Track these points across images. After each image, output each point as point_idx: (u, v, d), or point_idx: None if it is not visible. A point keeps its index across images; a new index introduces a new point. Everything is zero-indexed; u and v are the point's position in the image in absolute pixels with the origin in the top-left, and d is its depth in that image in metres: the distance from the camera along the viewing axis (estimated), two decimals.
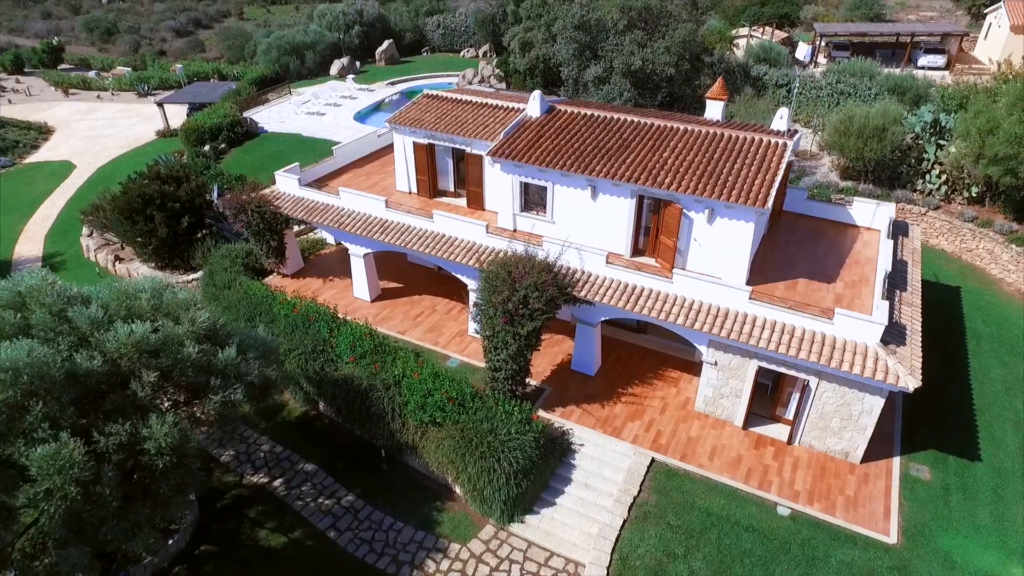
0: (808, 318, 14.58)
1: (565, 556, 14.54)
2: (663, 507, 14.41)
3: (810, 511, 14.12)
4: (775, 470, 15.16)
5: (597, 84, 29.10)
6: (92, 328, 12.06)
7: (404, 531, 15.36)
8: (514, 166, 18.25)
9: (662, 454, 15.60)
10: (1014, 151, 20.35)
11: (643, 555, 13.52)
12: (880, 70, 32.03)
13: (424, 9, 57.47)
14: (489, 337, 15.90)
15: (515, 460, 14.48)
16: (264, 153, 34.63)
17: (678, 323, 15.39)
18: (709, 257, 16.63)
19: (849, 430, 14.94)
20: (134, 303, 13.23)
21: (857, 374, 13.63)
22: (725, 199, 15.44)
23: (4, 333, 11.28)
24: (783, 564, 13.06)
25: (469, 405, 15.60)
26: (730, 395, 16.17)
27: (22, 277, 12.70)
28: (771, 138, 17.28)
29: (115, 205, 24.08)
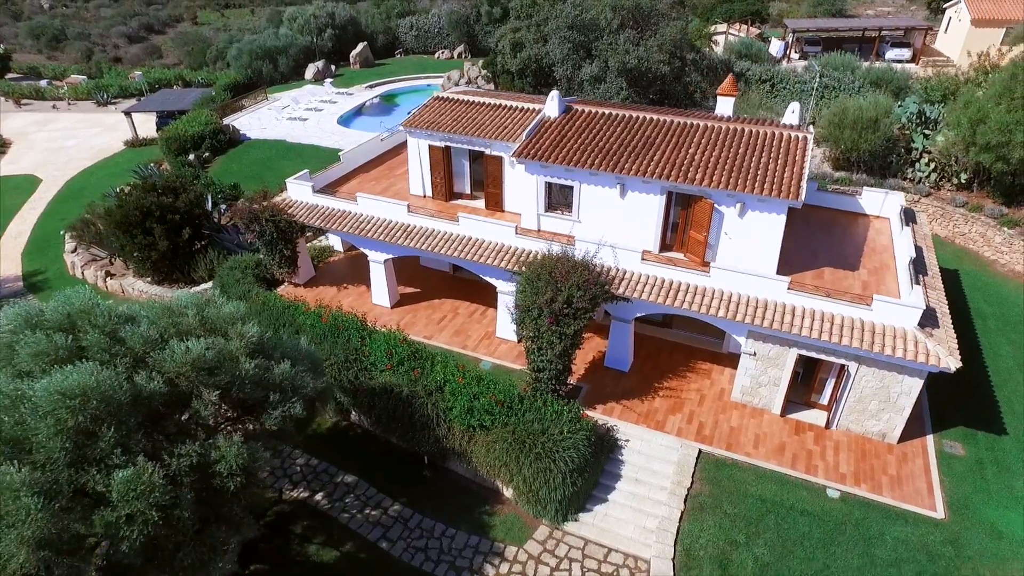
0: (846, 305, 15.05)
1: (623, 551, 14.65)
2: (717, 497, 14.67)
3: (858, 492, 14.58)
4: (818, 454, 15.59)
5: (593, 83, 29.35)
6: (146, 348, 11.59)
7: (457, 537, 15.22)
8: (540, 166, 18.27)
9: (708, 445, 15.87)
10: (1005, 138, 21.42)
11: (705, 545, 13.74)
12: (860, 64, 33.30)
13: (396, 11, 56.86)
14: (533, 338, 15.89)
15: (570, 459, 14.51)
16: (251, 160, 33.74)
17: (719, 316, 15.67)
18: (739, 250, 16.98)
19: (887, 412, 15.48)
20: (181, 320, 12.78)
21: (900, 357, 14.14)
22: (758, 192, 15.80)
23: (59, 357, 10.74)
24: (842, 545, 13.45)
25: (517, 407, 15.56)
26: (768, 384, 16.55)
27: (66, 297, 12.12)
28: (792, 132, 17.76)
29: (112, 219, 23.10)
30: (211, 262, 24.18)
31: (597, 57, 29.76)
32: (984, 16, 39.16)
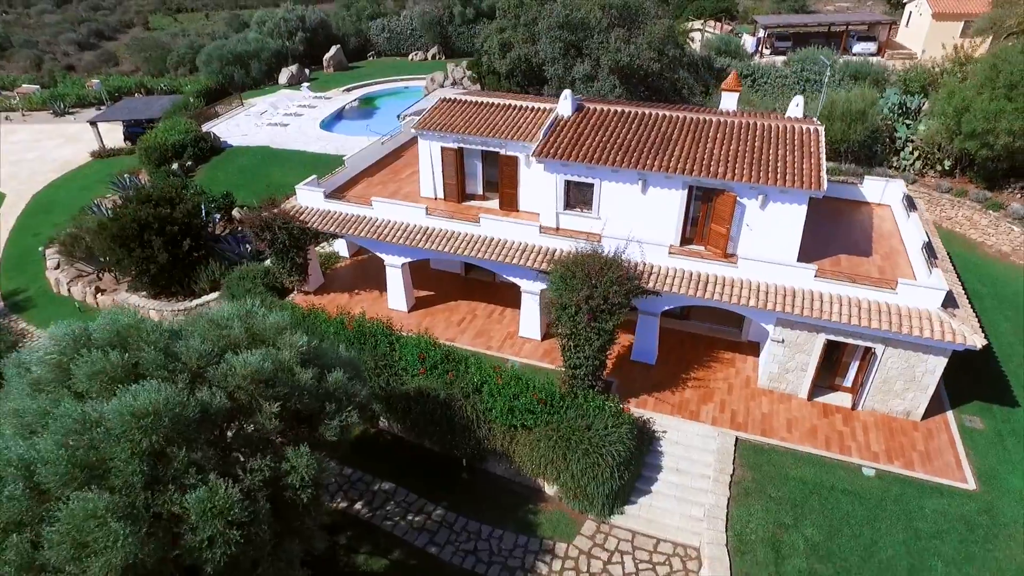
0: (872, 290, 15.61)
1: (672, 540, 14.91)
2: (760, 482, 15.04)
3: (892, 469, 15.15)
4: (849, 435, 16.13)
5: (586, 81, 29.61)
6: (201, 363, 11.26)
7: (505, 537, 15.22)
8: (560, 165, 18.38)
9: (743, 432, 16.25)
10: (990, 126, 22.52)
11: (756, 529, 14.07)
12: (837, 58, 34.51)
13: (366, 13, 56.15)
14: (569, 335, 15.98)
15: (617, 453, 14.68)
16: (236, 168, 32.90)
17: (750, 305, 16.06)
18: (760, 241, 17.42)
19: (912, 391, 16.12)
20: (227, 332, 12.44)
21: (928, 337, 14.75)
22: (781, 184, 16.24)
23: (116, 376, 10.33)
24: (885, 520, 13.96)
25: (558, 405, 15.64)
26: (795, 369, 17.03)
27: (112, 315, 11.66)
28: (803, 125, 18.30)
29: (107, 233, 22.24)
30: (213, 273, 23.53)
31: (588, 56, 30.04)
32: (945, 10, 41.01)
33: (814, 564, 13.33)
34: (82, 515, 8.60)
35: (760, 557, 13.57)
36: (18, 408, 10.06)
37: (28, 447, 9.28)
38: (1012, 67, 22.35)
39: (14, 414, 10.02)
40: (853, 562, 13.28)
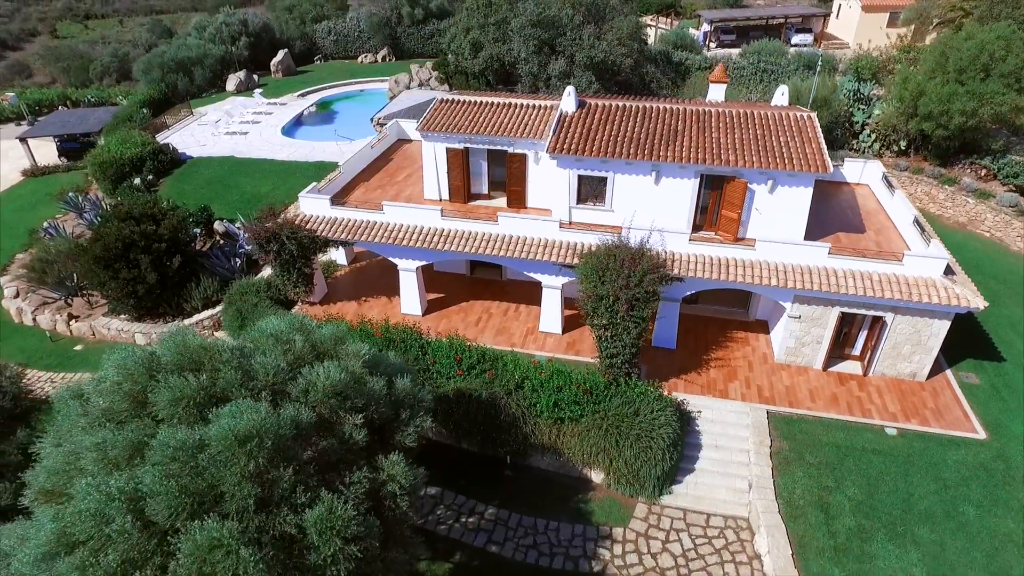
0: (880, 263, 16.79)
1: (721, 514, 15.57)
2: (797, 450, 15.91)
3: (911, 427, 16.37)
4: (866, 399, 17.29)
5: (562, 78, 30.07)
6: (278, 379, 10.93)
7: (562, 528, 15.46)
8: (574, 160, 18.72)
9: (772, 405, 17.12)
10: (945, 108, 24.50)
11: (803, 494, 14.91)
12: (788, 50, 36.48)
13: (310, 16, 54.57)
14: (606, 326, 16.34)
15: (666, 435, 15.20)
16: (203, 180, 31.46)
17: (771, 285, 16.92)
18: (769, 224, 18.35)
19: (918, 353, 17.44)
20: (292, 347, 12.09)
21: (936, 303, 16.02)
22: (789, 168, 17.19)
23: (200, 400, 9.89)
24: (916, 474, 15.09)
25: (601, 394, 16.00)
26: (811, 343, 18.07)
27: (173, 337, 11.12)
28: (797, 112, 19.37)
29: (89, 254, 20.89)
30: (205, 290, 22.53)
31: (562, 53, 30.51)
32: (872, 2, 44.04)
33: (861, 520, 14.28)
34: (208, 545, 8.26)
35: (812, 520, 14.39)
36: (101, 441, 9.48)
37: (127, 479, 8.79)
38: (960, 54, 24.41)
39: (96, 448, 9.44)
40: (896, 515, 14.31)
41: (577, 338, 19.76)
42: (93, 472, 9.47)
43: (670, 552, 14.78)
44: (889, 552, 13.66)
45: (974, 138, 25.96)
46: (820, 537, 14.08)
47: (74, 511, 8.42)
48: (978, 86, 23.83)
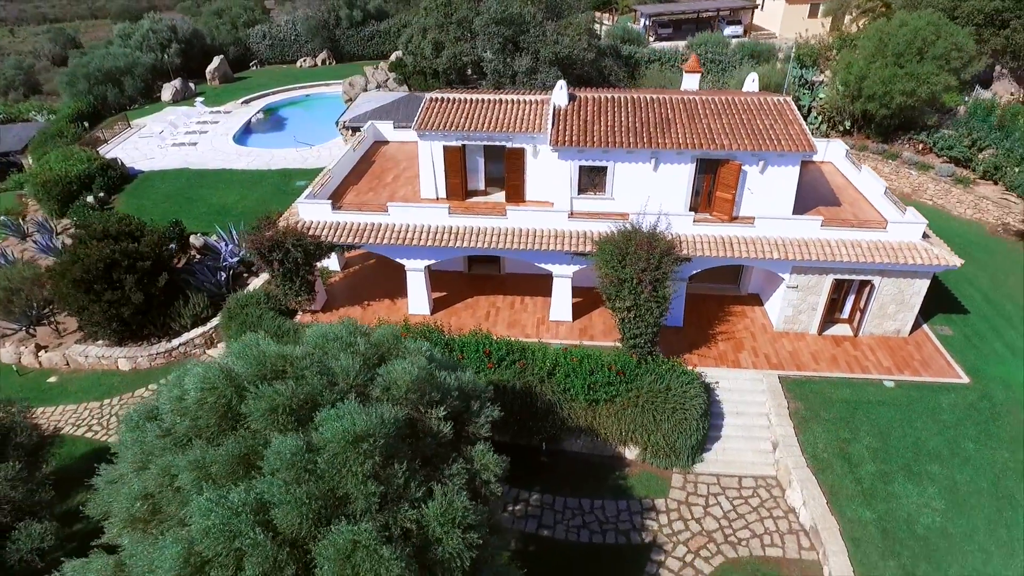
0: (867, 231, 18.30)
1: (751, 475, 16.60)
2: (812, 408, 17.15)
3: (905, 378, 17.97)
4: (862, 357, 18.80)
5: (529, 74, 30.58)
6: (359, 380, 10.89)
7: (607, 506, 16.02)
8: (576, 151, 19.28)
9: (781, 370, 18.33)
10: (887, 89, 26.77)
11: (825, 448, 16.12)
12: (731, 41, 38.50)
13: (242, 20, 52.47)
14: (630, 308, 16.99)
15: (698, 406, 16.05)
16: (162, 194, 29.91)
17: (773, 258, 18.10)
18: (759, 203, 19.58)
19: (902, 312, 19.13)
20: (357, 349, 12.02)
21: (919, 264, 17.66)
22: (778, 149, 18.44)
23: (293, 407, 9.73)
24: (920, 420, 16.63)
25: (632, 374, 16.66)
26: (807, 310, 19.44)
27: (244, 348, 10.83)
28: (773, 97, 20.72)
29: (68, 277, 19.57)
30: (195, 307, 21.60)
31: (526, 50, 31.03)
32: None
33: (880, 465, 15.62)
34: (349, 547, 8.26)
35: (838, 470, 15.60)
36: (197, 459, 9.20)
37: (246, 492, 8.60)
38: (897, 39, 26.74)
39: (194, 466, 9.15)
40: (909, 456, 15.74)
41: (587, 324, 20.36)
42: (191, 491, 9.20)
43: (712, 515, 15.63)
44: (910, 491, 15.04)
45: (911, 116, 28.49)
46: (848, 484, 15.30)
47: (200, 529, 8.17)
48: (915, 68, 26.22)
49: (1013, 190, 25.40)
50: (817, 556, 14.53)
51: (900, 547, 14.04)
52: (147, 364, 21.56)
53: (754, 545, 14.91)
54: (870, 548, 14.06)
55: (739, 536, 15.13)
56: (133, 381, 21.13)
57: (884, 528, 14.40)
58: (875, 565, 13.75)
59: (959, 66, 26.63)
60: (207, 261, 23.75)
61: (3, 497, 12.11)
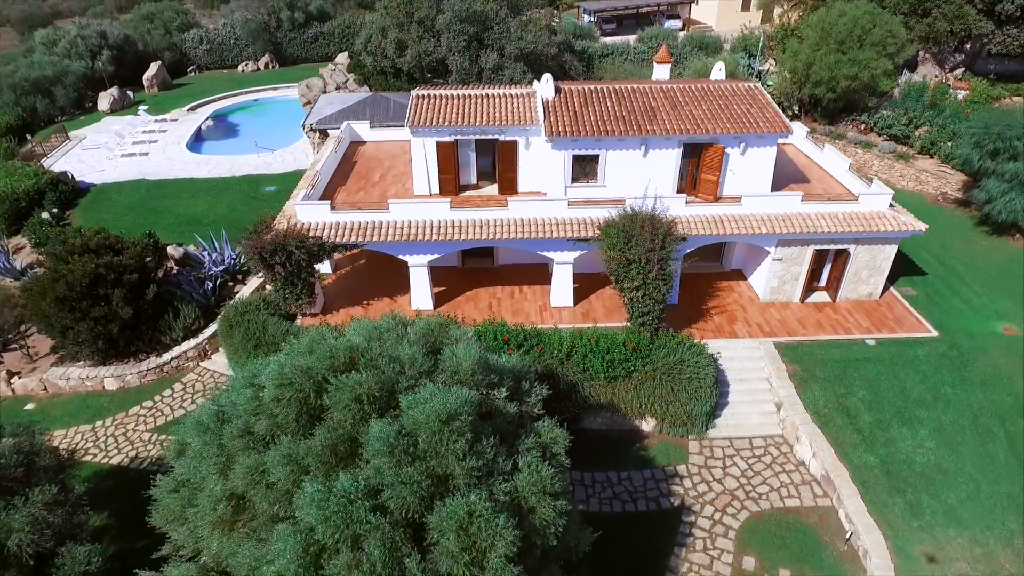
0: (841, 204, 19.86)
1: (760, 435, 17.77)
2: (807, 370, 18.50)
3: (883, 336, 19.63)
4: (843, 320, 20.38)
5: (495, 71, 31.01)
6: (424, 367, 11.15)
7: (633, 476, 16.79)
8: (570, 141, 19.95)
9: (774, 337, 19.63)
10: (832, 75, 28.86)
11: (826, 404, 17.47)
12: (680, 34, 40.15)
13: (175, 25, 50.22)
14: (638, 287, 17.80)
15: (710, 375, 17.07)
16: (124, 207, 28.55)
17: (762, 232, 19.37)
18: (740, 183, 20.86)
19: (874, 276, 20.84)
20: (408, 339, 12.24)
21: (890, 231, 19.34)
22: (758, 132, 19.73)
23: (373, 396, 9.90)
24: (903, 372, 18.26)
25: (647, 349, 17.49)
26: (791, 280, 20.87)
27: (313, 342, 10.88)
28: (744, 84, 22.06)
29: (51, 295, 18.58)
30: (186, 319, 20.93)
31: (490, 47, 31.46)
32: None
33: (876, 415, 17.09)
34: (466, 516, 8.58)
35: (840, 423, 16.97)
36: (288, 453, 9.27)
37: (353, 478, 8.77)
38: (838, 28, 28.87)
39: (286, 460, 9.21)
40: (899, 405, 17.30)
41: (588, 308, 21.06)
42: (284, 485, 9.25)
43: (731, 475, 16.67)
44: (905, 434, 16.56)
45: (853, 99, 30.79)
46: (850, 434, 16.68)
47: (318, 517, 8.29)
48: (856, 54, 28.40)
49: (948, 162, 27.95)
50: (831, 501, 15.79)
51: (904, 484, 15.49)
52: (137, 382, 20.71)
53: (773, 498, 16.03)
54: (878, 488, 15.43)
55: (759, 491, 16.22)
56: (123, 400, 20.26)
57: (887, 470, 15.82)
58: (885, 503, 15.12)
59: (894, 51, 29.04)
60: (190, 272, 22.98)
61: (43, 521, 11.59)
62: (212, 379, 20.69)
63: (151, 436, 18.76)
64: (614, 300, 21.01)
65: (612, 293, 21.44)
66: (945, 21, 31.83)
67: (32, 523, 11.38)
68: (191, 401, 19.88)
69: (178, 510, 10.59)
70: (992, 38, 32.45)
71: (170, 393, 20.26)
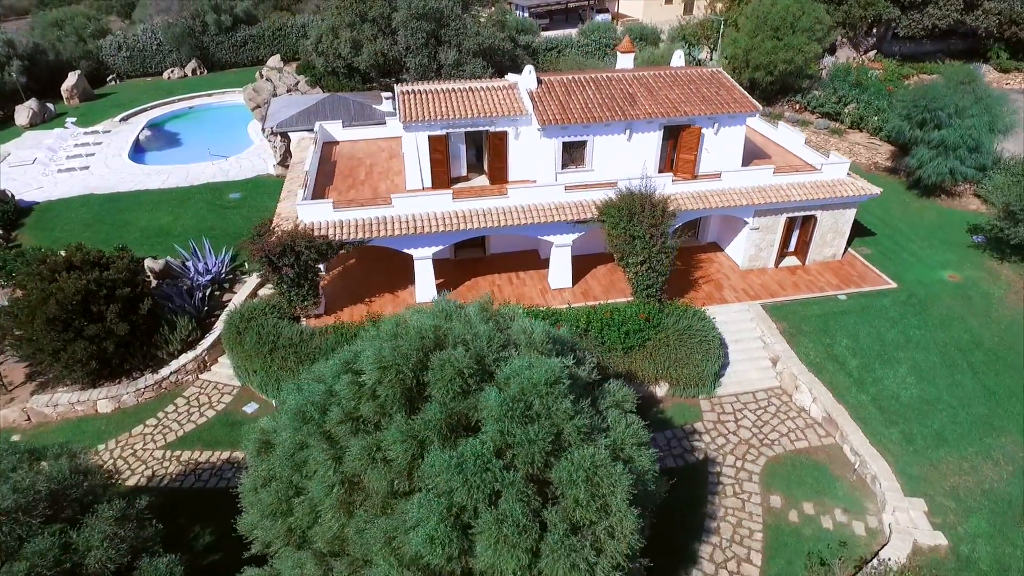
0: (807, 174, 21.84)
1: (761, 388, 19.36)
2: (795, 326, 20.30)
3: (852, 291, 21.79)
4: (815, 280, 22.41)
5: (455, 67, 31.40)
6: (499, 343, 11.71)
7: (657, 438, 17.84)
8: (560, 129, 20.85)
9: (760, 300, 21.36)
10: (770, 58, 31.29)
11: (816, 354, 19.29)
12: (618, 27, 41.83)
13: (88, 32, 47.00)
14: (643, 261, 18.95)
15: (717, 337, 18.48)
16: (79, 223, 26.90)
17: (743, 205, 21.00)
18: (714, 161, 22.48)
19: (837, 239, 23.03)
20: (472, 318, 12.73)
21: (851, 195, 21.49)
22: (729, 112, 21.38)
23: (469, 371, 10.38)
24: (875, 320, 20.38)
25: (657, 318, 18.68)
26: (766, 247, 22.71)
27: (396, 325, 11.19)
28: (707, 69, 23.71)
29: (41, 316, 17.54)
30: (183, 331, 20.24)
31: (448, 43, 31.85)
32: None
33: (861, 359, 19.07)
34: (590, 464, 9.29)
35: (831, 369, 18.81)
36: (407, 429, 9.63)
37: (480, 442, 9.28)
38: (772, 17, 31.34)
39: (406, 435, 9.58)
40: (878, 349, 19.37)
41: (586, 287, 22.04)
42: (402, 460, 9.60)
43: (744, 427, 18.13)
44: (888, 374, 18.60)
45: (788, 81, 33.45)
46: (842, 378, 18.55)
47: (458, 480, 8.74)
48: (791, 39, 30.96)
49: (876, 135, 31.00)
50: (835, 439, 17.54)
51: (895, 417, 17.46)
52: (134, 401, 19.83)
53: (784, 443, 17.61)
54: (874, 423, 17.31)
55: (771, 438, 17.76)
56: (122, 422, 19.36)
57: (880, 406, 17.76)
58: (883, 434, 17.00)
59: (821, 36, 31.83)
60: (175, 283, 22.13)
61: (116, 537, 11.28)
62: (216, 391, 20.11)
63: (164, 453, 18.10)
64: (608, 278, 22.14)
65: (604, 272, 22.63)
66: (859, 7, 35.19)
67: (107, 539, 11.07)
68: (199, 414, 19.29)
69: (275, 504, 10.64)
70: (899, 22, 36.13)
71: (174, 409, 19.54)
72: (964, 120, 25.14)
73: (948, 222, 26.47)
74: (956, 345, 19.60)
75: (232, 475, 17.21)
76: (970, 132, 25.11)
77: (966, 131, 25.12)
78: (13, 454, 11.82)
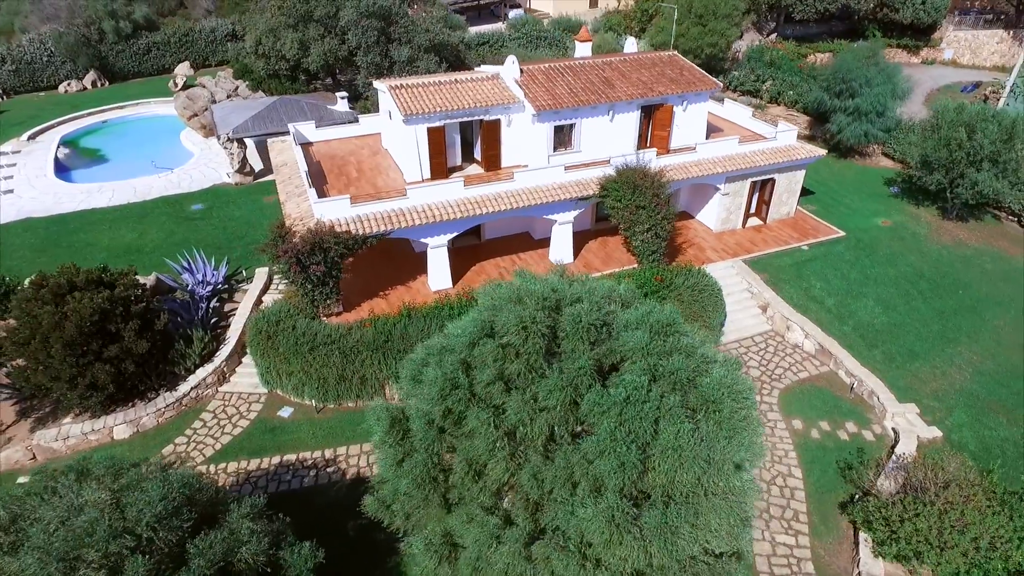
0: (764, 143, 24.61)
1: (757, 332, 21.75)
2: (776, 275, 22.96)
3: (812, 241, 24.87)
4: (780, 236, 25.29)
5: (409, 63, 31.69)
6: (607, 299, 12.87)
7: None
8: (552, 114, 22.14)
9: (740, 256, 23.86)
10: (699, 43, 34.31)
11: (799, 297, 21.99)
12: (544, 21, 43.44)
13: None
14: (648, 229, 20.73)
15: (721, 291, 20.64)
16: (31, 248, 24.70)
17: (718, 172, 23.36)
18: (683, 135, 24.74)
19: (791, 198, 26.09)
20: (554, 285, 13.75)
21: (803, 158, 24.50)
22: (696, 90, 23.67)
23: (594, 321, 11.50)
24: (837, 263, 23.49)
25: (669, 280, 20.52)
26: (735, 210, 25.30)
27: (490, 298, 12.00)
28: (664, 53, 25.92)
29: (56, 341, 16.43)
30: (200, 344, 19.57)
31: (398, 40, 32.11)
32: None
33: (836, 298, 22.00)
34: (730, 382, 10.71)
35: (813, 308, 21.57)
36: (561, 377, 10.59)
37: (637, 378, 10.45)
38: (697, 5, 34.36)
39: (562, 385, 10.54)
40: (846, 287, 22.43)
41: (587, 260, 23.56)
42: (565, 404, 10.57)
43: (752, 366, 20.42)
44: (860, 307, 21.63)
45: (711, 64, 36.72)
46: (823, 314, 21.34)
47: (630, 412, 9.86)
48: (715, 25, 34.11)
49: (793, 107, 34.91)
50: (829, 367, 20.21)
51: (875, 340, 20.43)
52: (154, 422, 18.97)
53: (790, 375, 20.07)
54: (860, 348, 20.17)
55: (776, 373, 20.16)
56: (144, 446, 18.47)
57: (861, 334, 20.68)
58: (868, 356, 19.88)
59: (737, 21, 35.30)
60: (173, 297, 21.17)
61: (260, 531, 11.37)
62: (243, 400, 19.62)
63: (207, 468, 17.55)
64: (602, 250, 23.80)
65: (596, 246, 24.28)
66: None
67: (251, 533, 11.17)
68: (232, 425, 18.80)
69: (423, 473, 11.18)
70: (794, 7, 40.65)
71: (202, 424, 18.90)
72: (873, 89, 29.14)
73: (866, 178, 30.57)
74: (905, 278, 23.07)
75: (292, 477, 17.11)
76: (878, 98, 29.16)
77: (875, 98, 29.16)
78: (133, 466, 11.45)
